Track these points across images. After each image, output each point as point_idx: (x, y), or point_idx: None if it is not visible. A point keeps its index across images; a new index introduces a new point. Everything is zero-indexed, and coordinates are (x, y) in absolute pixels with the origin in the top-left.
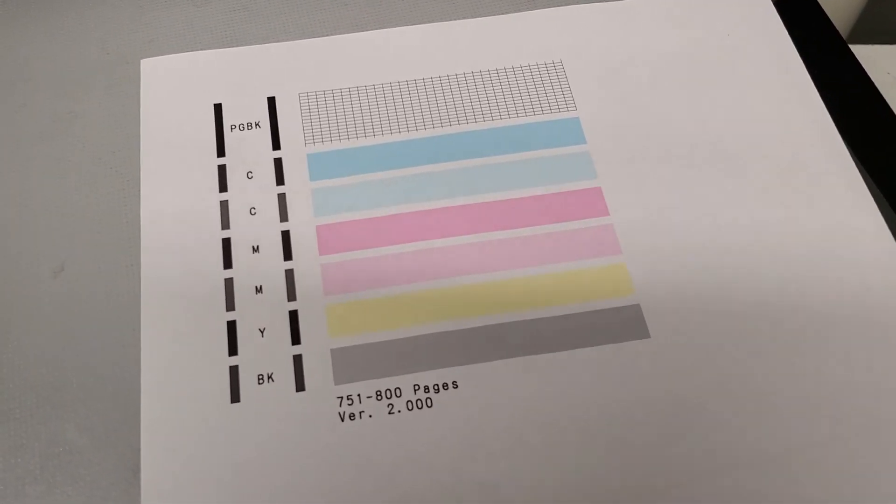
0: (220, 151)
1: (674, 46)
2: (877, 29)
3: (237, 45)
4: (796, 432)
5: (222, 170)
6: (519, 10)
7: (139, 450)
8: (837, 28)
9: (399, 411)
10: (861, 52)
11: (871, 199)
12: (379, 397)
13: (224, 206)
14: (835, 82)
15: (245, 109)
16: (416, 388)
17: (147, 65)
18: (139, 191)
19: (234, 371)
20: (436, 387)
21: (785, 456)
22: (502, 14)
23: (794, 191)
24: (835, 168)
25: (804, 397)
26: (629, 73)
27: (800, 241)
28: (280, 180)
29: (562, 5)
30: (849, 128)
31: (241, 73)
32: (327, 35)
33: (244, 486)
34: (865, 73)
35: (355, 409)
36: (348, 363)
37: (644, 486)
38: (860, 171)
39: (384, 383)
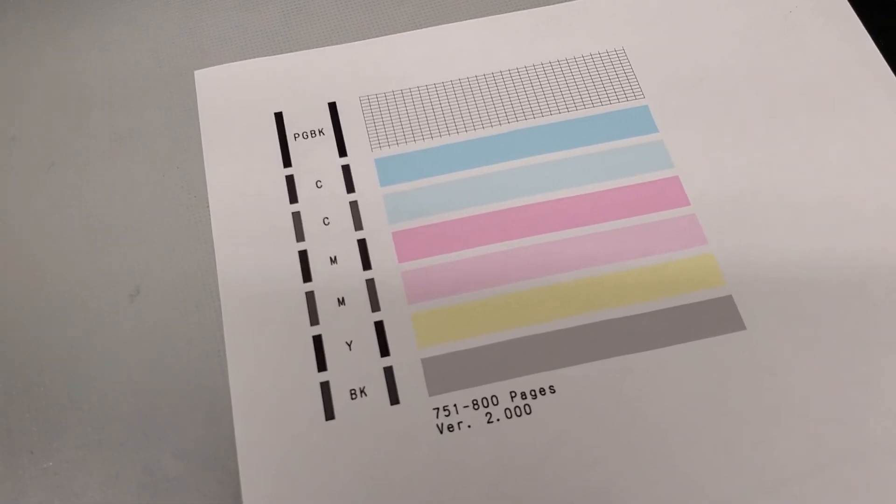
0: (286, 161)
1: (737, 25)
2: None
3: (292, 51)
4: None
5: (290, 180)
6: None
7: (237, 473)
8: None
9: (498, 420)
10: None
11: None
12: (476, 406)
13: (297, 217)
14: None
15: (307, 117)
16: (513, 395)
17: (202, 76)
18: (208, 206)
19: (325, 387)
20: (533, 392)
21: None
22: (558, 3)
23: (875, 164)
24: None
25: None
26: (694, 56)
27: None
28: (350, 188)
29: None
30: None
31: (299, 79)
32: (385, 35)
33: None
34: None
35: (453, 419)
36: (441, 373)
37: (751, 485)
38: None
39: (480, 392)
